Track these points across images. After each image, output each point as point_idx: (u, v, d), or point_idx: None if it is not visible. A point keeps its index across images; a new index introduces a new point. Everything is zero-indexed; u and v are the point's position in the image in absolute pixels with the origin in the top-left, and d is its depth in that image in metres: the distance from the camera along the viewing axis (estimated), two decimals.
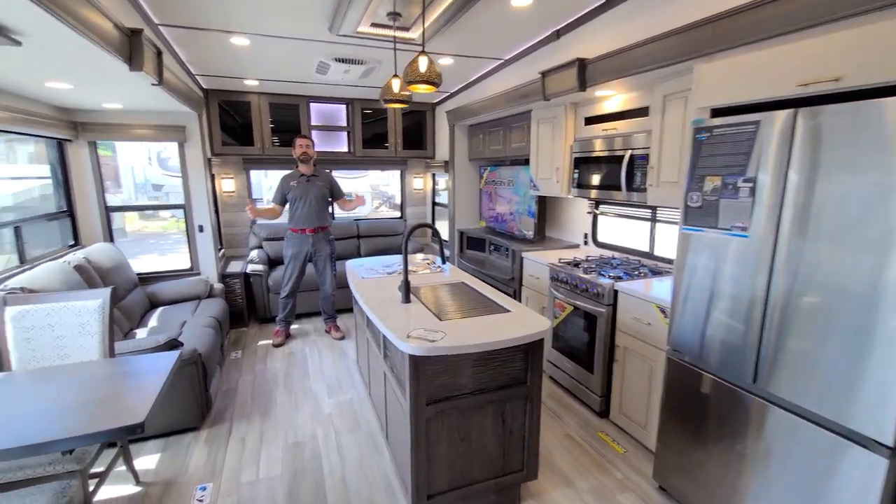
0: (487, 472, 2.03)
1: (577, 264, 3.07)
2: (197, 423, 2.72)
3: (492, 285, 3.99)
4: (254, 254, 4.67)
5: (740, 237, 1.71)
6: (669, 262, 2.92)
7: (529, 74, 3.21)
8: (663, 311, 2.26)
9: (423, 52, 2.14)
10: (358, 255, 5.35)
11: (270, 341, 4.06)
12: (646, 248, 3.15)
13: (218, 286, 4.05)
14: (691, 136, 1.87)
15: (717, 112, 1.90)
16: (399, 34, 2.80)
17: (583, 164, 3.11)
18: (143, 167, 7.70)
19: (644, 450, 2.49)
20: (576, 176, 3.18)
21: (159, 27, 2.82)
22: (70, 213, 3.58)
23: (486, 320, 2.02)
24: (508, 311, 2.16)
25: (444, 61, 3.57)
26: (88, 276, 2.97)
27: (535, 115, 3.54)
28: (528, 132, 3.67)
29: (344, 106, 5.10)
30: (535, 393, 2.02)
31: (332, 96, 4.94)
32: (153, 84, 2.46)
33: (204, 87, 4.35)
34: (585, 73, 2.63)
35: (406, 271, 2.26)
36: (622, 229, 3.43)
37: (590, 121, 3.08)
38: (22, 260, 2.91)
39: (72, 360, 2.08)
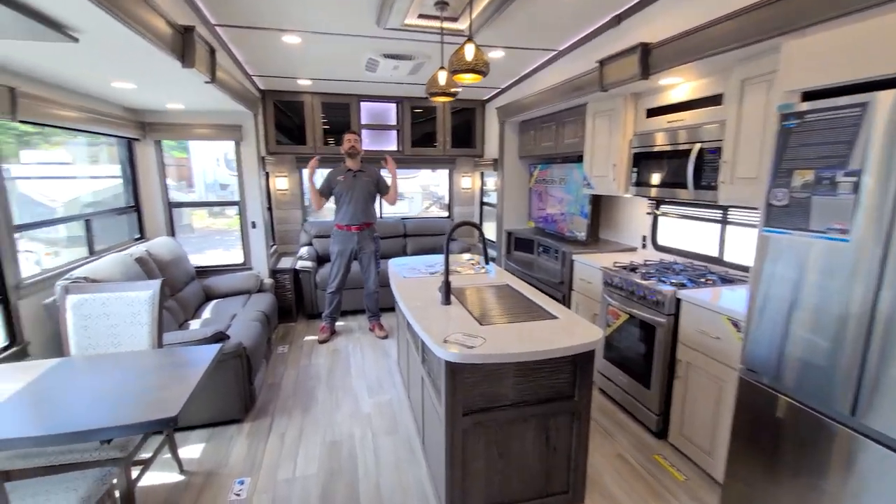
0: (528, 492, 1.87)
1: (633, 269, 2.83)
2: (241, 415, 2.76)
3: (539, 289, 3.80)
4: (303, 250, 4.76)
5: (838, 241, 1.44)
6: (743, 269, 2.61)
7: (585, 65, 3.00)
8: (736, 325, 2.00)
9: (469, 40, 2.02)
10: (404, 253, 5.33)
11: (316, 337, 4.10)
12: (714, 253, 2.84)
13: (268, 281, 4.15)
14: (777, 125, 1.61)
15: (808, 96, 1.62)
16: (447, 25, 2.70)
17: (643, 160, 2.86)
18: (212, 168, 8.18)
19: (708, 479, 2.22)
20: (635, 173, 2.93)
21: (216, 27, 2.90)
22: (137, 208, 3.80)
23: (531, 327, 1.86)
24: (556, 317, 1.99)
25: (495, 54, 3.43)
26: (148, 268, 3.12)
27: (590, 108, 3.31)
28: (583, 127, 3.45)
29: (394, 105, 5.09)
30: (583, 409, 1.84)
31: (382, 95, 4.94)
32: (206, 82, 2.52)
33: (261, 87, 4.49)
34: (649, 58, 2.40)
35: (447, 272, 2.15)
36: (686, 232, 3.13)
37: (652, 112, 2.82)
38: (91, 251, 3.10)
39: (123, 348, 2.16)
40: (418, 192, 8.65)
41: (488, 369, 1.71)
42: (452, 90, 2.61)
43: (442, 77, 2.57)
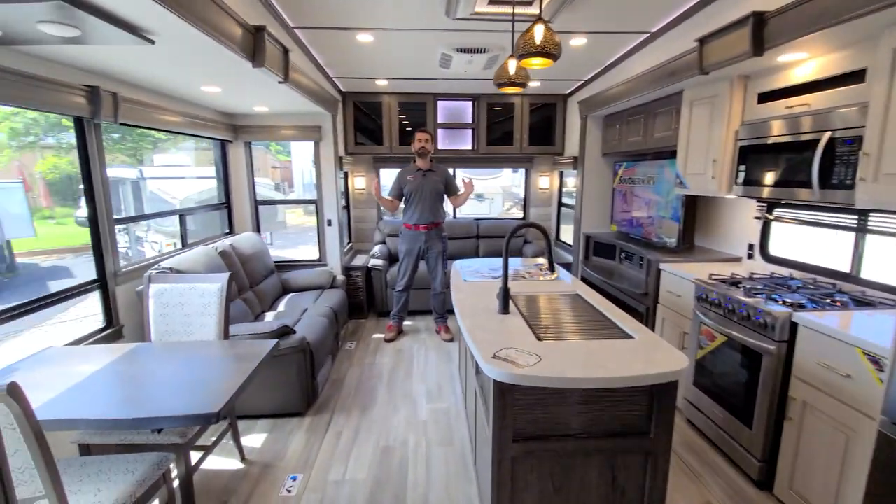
0: None
1: (736, 283, 2.39)
2: (302, 409, 2.81)
3: (619, 300, 3.43)
4: (376, 249, 4.82)
5: None
6: (888, 289, 2.07)
7: (681, 46, 2.61)
8: (876, 362, 1.56)
9: (539, 20, 1.81)
10: (476, 255, 5.18)
11: (383, 336, 4.11)
12: (845, 268, 2.31)
13: (340, 278, 4.25)
14: None
15: None
16: (519, 10, 2.50)
17: (752, 154, 2.41)
18: (309, 169, 8.76)
19: None
20: (741, 171, 2.48)
21: (294, 30, 3.00)
22: (228, 205, 4.10)
23: (599, 347, 1.61)
24: (631, 336, 1.71)
25: (577, 42, 3.14)
26: (230, 261, 3.32)
27: (687, 95, 2.89)
28: (677, 118, 3.02)
29: (469, 102, 4.97)
30: (660, 448, 1.55)
31: (458, 93, 4.84)
32: (279, 82, 2.59)
33: (342, 89, 4.62)
34: (764, 30, 1.98)
35: (505, 277, 1.96)
36: (807, 241, 2.59)
37: (766, 97, 2.36)
38: (184, 244, 3.38)
39: (195, 336, 2.27)
40: (498, 193, 8.45)
41: (545, 393, 1.50)
42: (522, 79, 2.40)
43: (511, 65, 2.37)
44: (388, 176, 4.92)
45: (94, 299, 2.51)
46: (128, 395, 1.66)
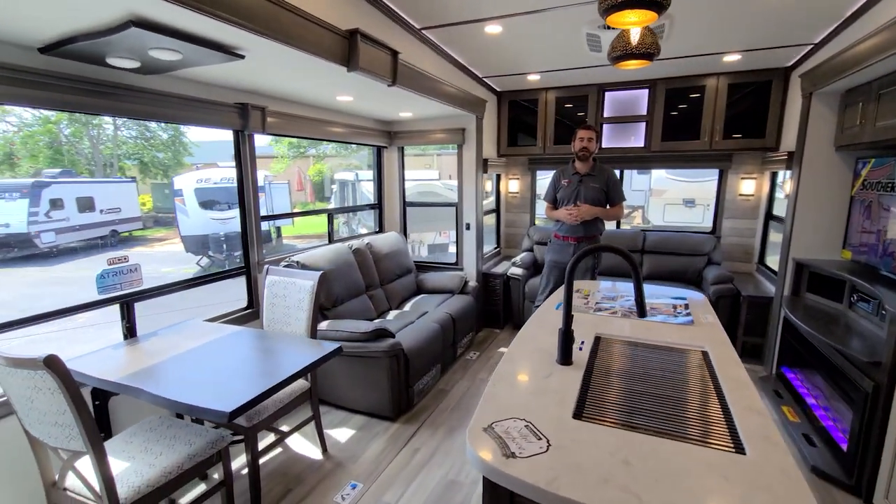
0: None
1: None
2: (392, 415, 2.77)
3: (833, 365, 2.32)
4: (518, 257, 4.50)
5: None
6: None
7: None
8: None
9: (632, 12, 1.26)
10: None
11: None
12: None
13: (472, 284, 4.10)
14: None
15: None
16: None
17: None
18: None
19: None
20: None
21: (422, 31, 2.97)
22: (379, 206, 4.43)
23: (671, 456, 1.02)
24: (739, 451, 1.04)
25: None
26: (362, 259, 3.55)
27: None
28: None
29: (646, 90, 4.13)
30: None
31: (629, 81, 4.08)
32: (388, 85, 2.57)
33: (496, 88, 4.45)
34: None
35: (568, 314, 1.45)
36: None
37: None
38: (330, 240, 3.77)
39: (290, 329, 2.47)
40: (713, 199, 6.97)
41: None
42: (649, 48, 1.77)
43: (635, 35, 1.78)
44: (545, 179, 4.52)
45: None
46: (183, 375, 1.85)
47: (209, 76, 2.37)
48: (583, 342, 1.67)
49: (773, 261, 3.90)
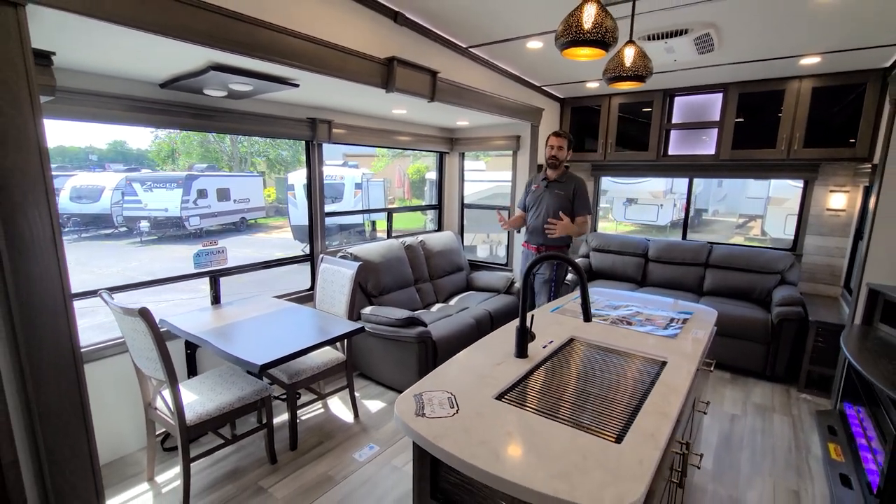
0: None
1: None
2: None
3: (881, 405, 2.14)
4: None
5: None
6: None
7: None
8: None
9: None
10: (699, 289, 4.09)
11: None
12: None
13: (518, 285, 4.26)
14: None
15: None
16: None
17: None
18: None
19: None
20: None
21: (469, 49, 3.23)
22: (439, 206, 4.78)
23: (570, 441, 1.19)
24: (619, 442, 1.17)
25: None
26: (412, 255, 3.93)
27: None
28: None
29: (719, 94, 3.90)
30: None
31: (700, 85, 3.90)
32: (428, 101, 2.89)
33: (559, 95, 4.53)
34: None
35: (523, 315, 1.64)
36: None
37: None
38: (389, 235, 4.21)
39: (334, 310, 2.92)
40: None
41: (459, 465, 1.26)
42: (642, 69, 1.84)
43: (629, 55, 1.86)
44: (611, 185, 4.46)
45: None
46: (240, 335, 2.37)
47: (283, 98, 2.91)
48: (551, 341, 1.82)
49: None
